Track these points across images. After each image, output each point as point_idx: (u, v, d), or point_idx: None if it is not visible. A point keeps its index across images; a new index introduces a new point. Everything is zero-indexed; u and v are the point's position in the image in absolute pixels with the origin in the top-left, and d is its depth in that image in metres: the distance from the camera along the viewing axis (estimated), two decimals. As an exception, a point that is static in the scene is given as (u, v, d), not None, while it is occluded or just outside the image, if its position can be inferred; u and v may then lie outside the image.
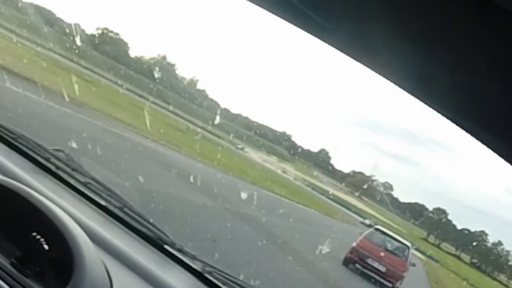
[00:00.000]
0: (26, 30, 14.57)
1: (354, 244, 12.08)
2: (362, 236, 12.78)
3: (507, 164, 0.69)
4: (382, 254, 12.08)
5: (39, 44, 15.02)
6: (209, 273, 1.60)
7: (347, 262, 11.80)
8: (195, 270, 1.61)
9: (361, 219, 23.50)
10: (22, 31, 14.27)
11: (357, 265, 11.71)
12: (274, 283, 6.72)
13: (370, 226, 23.13)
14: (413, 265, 13.10)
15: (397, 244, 12.92)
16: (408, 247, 12.98)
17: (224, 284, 1.58)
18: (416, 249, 13.41)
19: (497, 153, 0.70)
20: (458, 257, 30.09)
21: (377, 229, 13.62)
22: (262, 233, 9.13)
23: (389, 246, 12.71)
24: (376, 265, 11.88)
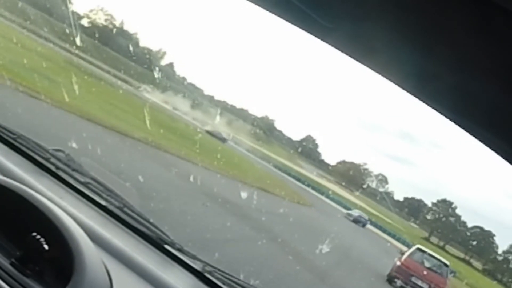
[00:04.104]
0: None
1: (399, 263, 12.61)
2: (405, 255, 13.33)
3: (507, 164, 0.69)
4: (424, 272, 12.70)
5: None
6: (209, 272, 1.60)
7: (391, 279, 12.23)
8: (195, 269, 1.61)
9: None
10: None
11: (401, 283, 12.14)
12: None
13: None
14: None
15: (437, 262, 13.63)
16: (446, 265, 13.70)
17: (224, 284, 1.59)
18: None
19: (498, 153, 0.70)
20: (468, 263, 25.38)
21: (418, 249, 14.20)
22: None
23: (430, 264, 13.34)
24: (419, 283, 12.43)
